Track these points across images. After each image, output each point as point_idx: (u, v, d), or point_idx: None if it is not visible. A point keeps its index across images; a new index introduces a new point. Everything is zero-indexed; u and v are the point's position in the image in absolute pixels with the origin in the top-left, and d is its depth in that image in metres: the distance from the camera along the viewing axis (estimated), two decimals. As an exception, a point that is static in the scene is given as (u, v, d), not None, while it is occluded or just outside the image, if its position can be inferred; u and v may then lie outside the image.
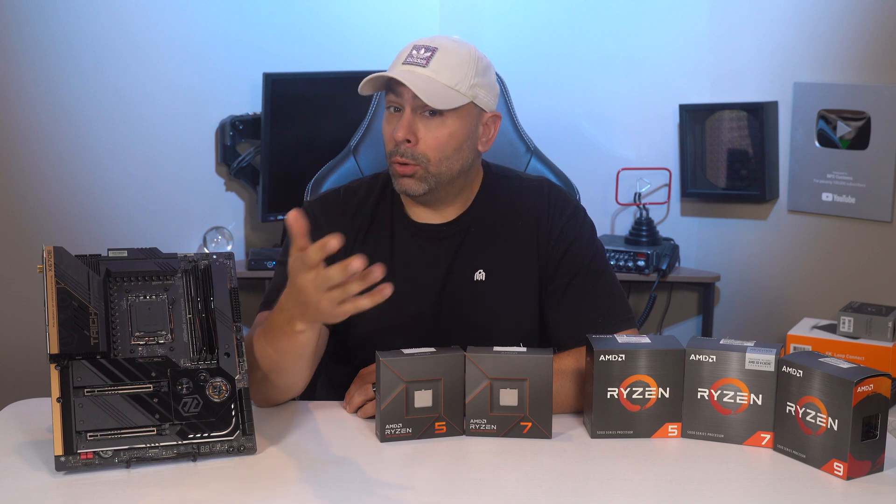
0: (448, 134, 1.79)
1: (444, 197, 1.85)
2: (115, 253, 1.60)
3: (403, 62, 1.79)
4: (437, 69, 1.77)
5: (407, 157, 1.78)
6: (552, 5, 3.45)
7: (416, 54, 1.78)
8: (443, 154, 1.79)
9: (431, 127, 1.78)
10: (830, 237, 3.15)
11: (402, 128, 1.77)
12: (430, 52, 1.78)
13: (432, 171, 1.79)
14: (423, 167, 1.79)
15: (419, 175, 1.79)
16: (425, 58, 1.78)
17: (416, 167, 1.79)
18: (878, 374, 1.49)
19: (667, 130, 3.39)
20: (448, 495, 1.45)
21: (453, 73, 1.78)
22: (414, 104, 1.77)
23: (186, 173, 3.27)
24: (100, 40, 3.06)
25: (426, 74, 1.76)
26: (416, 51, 1.79)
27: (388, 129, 1.82)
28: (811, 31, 3.10)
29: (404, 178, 1.80)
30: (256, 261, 3.22)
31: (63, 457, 1.45)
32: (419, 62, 1.78)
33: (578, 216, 1.90)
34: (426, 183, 1.80)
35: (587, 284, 1.85)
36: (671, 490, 1.47)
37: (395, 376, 1.58)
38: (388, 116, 1.82)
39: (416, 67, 1.77)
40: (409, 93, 1.76)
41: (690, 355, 1.61)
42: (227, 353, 1.56)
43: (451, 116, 1.79)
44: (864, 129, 3.01)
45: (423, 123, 1.78)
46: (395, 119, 1.80)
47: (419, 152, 1.78)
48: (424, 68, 1.77)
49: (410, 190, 1.81)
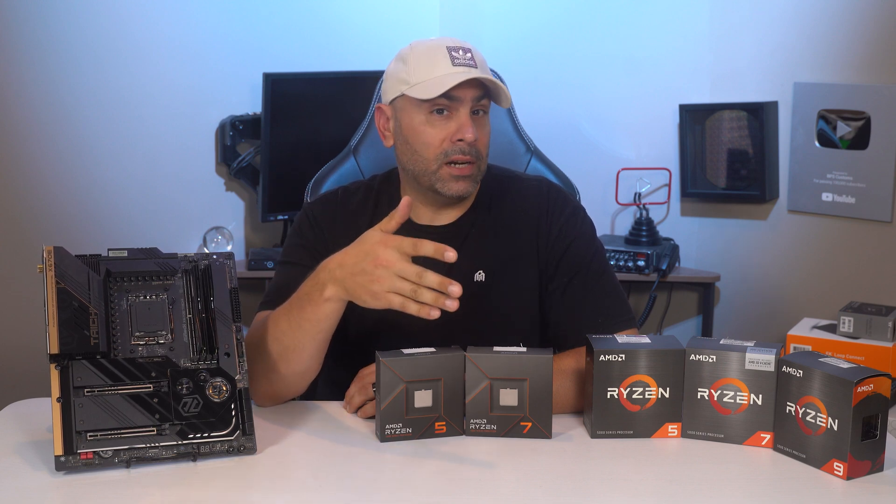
0: (489, 132, 1.85)
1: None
2: (115, 253, 1.60)
3: (454, 63, 1.78)
4: (483, 68, 1.81)
5: (472, 155, 1.79)
6: (552, 5, 3.45)
7: (459, 56, 1.78)
8: (487, 152, 1.84)
9: (481, 125, 1.82)
10: (830, 237, 3.15)
11: (470, 129, 1.77)
12: (469, 53, 1.80)
13: (482, 168, 1.83)
14: (478, 165, 1.82)
15: (474, 175, 1.82)
16: (470, 58, 1.79)
17: (474, 165, 1.81)
18: (878, 374, 1.49)
19: (667, 130, 3.39)
20: (448, 495, 1.45)
21: (488, 71, 1.83)
22: (471, 105, 1.79)
23: (186, 173, 3.27)
24: (100, 40, 3.06)
25: (480, 74, 1.78)
26: (455, 53, 1.79)
27: (434, 132, 1.79)
28: (811, 31, 3.10)
29: (461, 180, 1.80)
30: (256, 261, 3.22)
31: (63, 457, 1.45)
32: (469, 63, 1.78)
33: (578, 216, 1.90)
34: (476, 182, 1.84)
35: (587, 284, 1.85)
36: (671, 490, 1.47)
37: (395, 376, 1.58)
38: (432, 120, 1.79)
39: (470, 68, 1.78)
40: (468, 94, 1.77)
41: (690, 355, 1.61)
42: (227, 353, 1.56)
43: (488, 115, 1.84)
44: (864, 129, 3.01)
45: (475, 122, 1.81)
46: (442, 122, 1.79)
47: (478, 149, 1.81)
48: (476, 69, 1.78)
49: (466, 192, 1.82)
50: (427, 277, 1.47)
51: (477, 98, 1.79)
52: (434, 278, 1.47)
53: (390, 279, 1.50)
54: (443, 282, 1.46)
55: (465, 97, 1.78)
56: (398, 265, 1.49)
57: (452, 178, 1.80)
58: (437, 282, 1.47)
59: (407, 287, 1.49)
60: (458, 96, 1.78)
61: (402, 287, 1.49)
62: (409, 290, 1.49)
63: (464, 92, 1.77)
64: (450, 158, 1.79)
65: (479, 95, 1.79)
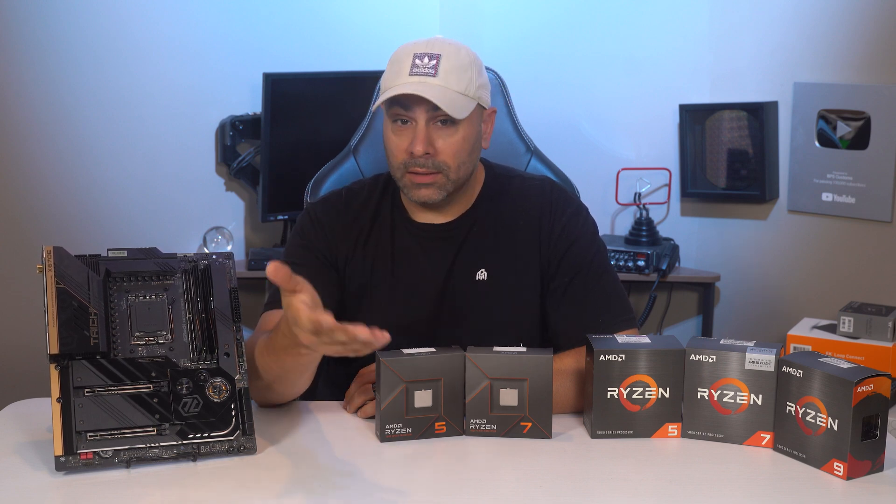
0: (462, 139, 1.79)
1: (450, 200, 1.85)
2: (115, 253, 1.60)
3: (410, 73, 1.76)
4: (445, 77, 1.76)
5: (427, 167, 1.77)
6: (552, 5, 3.45)
7: (422, 64, 1.76)
8: (460, 160, 1.79)
9: (446, 135, 1.78)
10: (830, 237, 3.15)
11: (419, 142, 1.75)
12: (434, 60, 1.76)
13: (452, 177, 1.79)
14: (444, 175, 1.78)
15: (440, 183, 1.79)
16: (432, 67, 1.76)
17: (437, 176, 1.78)
18: (878, 374, 1.49)
19: (667, 130, 3.39)
20: (448, 495, 1.45)
21: (460, 78, 1.77)
22: (427, 116, 1.76)
23: (186, 173, 3.27)
24: (100, 40, 3.06)
25: (438, 84, 1.75)
26: (419, 60, 1.76)
27: (397, 141, 1.79)
28: (811, 31, 3.10)
29: (423, 187, 1.79)
30: (256, 261, 3.22)
31: (63, 457, 1.45)
32: (427, 72, 1.75)
33: (580, 215, 1.90)
34: (445, 190, 1.80)
35: (588, 283, 1.85)
36: (671, 490, 1.47)
37: (395, 376, 1.58)
38: (395, 129, 1.79)
39: (427, 78, 1.75)
40: (422, 105, 1.75)
41: (690, 355, 1.61)
42: (227, 353, 1.56)
43: (463, 123, 1.78)
44: (864, 129, 3.01)
45: (437, 133, 1.77)
46: (404, 131, 1.78)
47: (440, 161, 1.78)
48: (434, 77, 1.75)
49: (430, 199, 1.80)
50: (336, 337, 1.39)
51: (431, 109, 1.75)
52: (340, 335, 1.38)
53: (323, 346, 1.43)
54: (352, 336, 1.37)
55: (418, 110, 1.76)
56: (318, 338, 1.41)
57: (414, 186, 1.79)
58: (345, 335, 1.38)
59: (338, 347, 1.41)
60: (411, 108, 1.76)
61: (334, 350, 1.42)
62: (341, 350, 1.41)
63: (416, 103, 1.75)
64: (409, 168, 1.78)
65: (433, 107, 1.75)
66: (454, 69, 1.77)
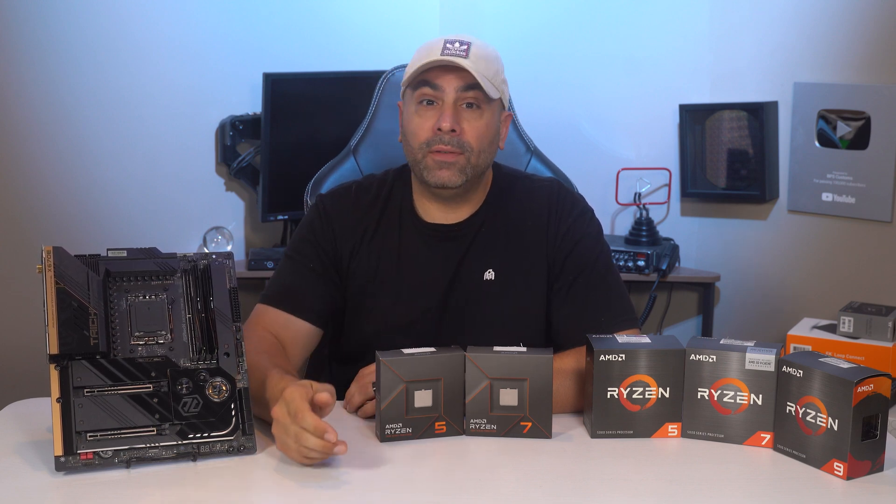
0: (486, 125, 1.81)
1: (464, 193, 1.85)
2: (115, 253, 1.60)
3: (442, 53, 1.77)
4: (476, 61, 1.78)
5: (452, 146, 1.78)
6: (552, 5, 3.45)
7: (453, 47, 1.78)
8: (482, 145, 1.81)
9: (472, 118, 1.79)
10: (830, 237, 3.15)
11: (447, 117, 1.77)
12: (465, 46, 1.78)
13: (473, 161, 1.80)
14: (466, 157, 1.79)
15: (460, 165, 1.79)
16: (464, 50, 1.78)
17: (460, 156, 1.79)
18: (878, 374, 1.49)
19: (667, 130, 3.39)
20: (448, 495, 1.45)
21: (489, 66, 1.80)
22: (455, 95, 1.78)
23: (186, 173, 3.27)
24: (100, 40, 3.06)
25: (468, 65, 1.76)
26: (450, 44, 1.78)
27: (420, 122, 1.80)
28: (811, 31, 3.10)
29: (444, 168, 1.79)
30: (256, 261, 3.22)
31: (63, 457, 1.45)
32: (459, 53, 1.77)
33: (586, 217, 1.90)
34: (465, 174, 1.80)
35: (591, 283, 1.85)
36: (671, 490, 1.47)
37: (395, 376, 1.58)
38: (419, 110, 1.80)
39: (458, 58, 1.77)
40: (452, 84, 1.77)
41: (690, 355, 1.61)
42: (227, 353, 1.56)
43: (487, 110, 1.81)
44: (864, 129, 3.01)
45: (463, 114, 1.79)
46: (428, 112, 1.79)
47: (464, 141, 1.79)
48: (465, 59, 1.77)
49: (450, 181, 1.80)
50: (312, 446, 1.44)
51: (461, 88, 1.77)
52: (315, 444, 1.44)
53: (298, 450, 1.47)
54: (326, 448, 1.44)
55: (447, 87, 1.77)
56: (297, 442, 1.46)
57: (436, 165, 1.80)
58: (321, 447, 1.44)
59: (314, 454, 1.46)
60: (440, 85, 1.77)
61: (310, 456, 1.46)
62: (317, 456, 1.46)
63: (446, 81, 1.77)
64: (432, 147, 1.79)
65: (463, 86, 1.77)
66: (484, 56, 1.80)
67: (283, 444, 1.48)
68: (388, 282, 1.87)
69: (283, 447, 1.49)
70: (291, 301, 1.83)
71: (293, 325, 1.82)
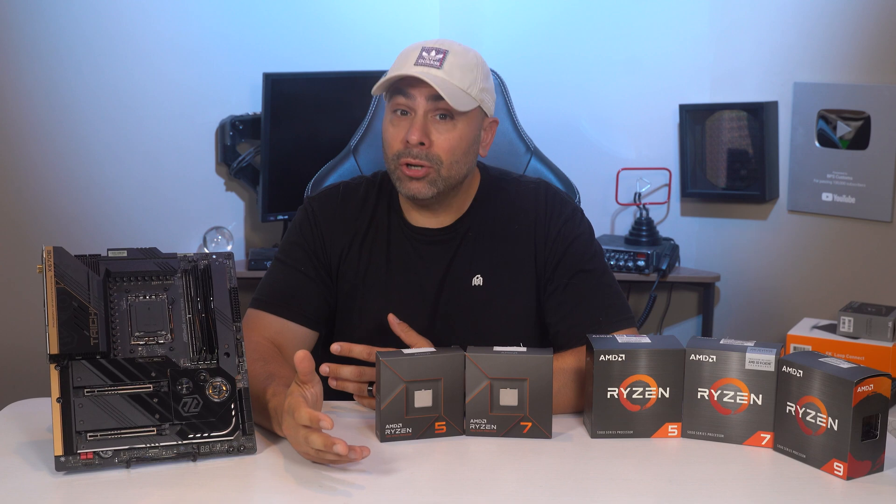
0: (459, 137, 1.79)
1: (443, 201, 1.85)
2: (115, 253, 1.60)
3: (415, 63, 1.76)
4: (450, 71, 1.76)
5: (420, 159, 1.77)
6: (552, 5, 3.45)
7: (428, 56, 1.77)
8: (454, 157, 1.79)
9: (443, 130, 1.78)
10: (830, 237, 3.15)
11: (416, 130, 1.76)
12: (441, 55, 1.77)
13: (443, 174, 1.78)
14: (436, 169, 1.78)
15: (430, 178, 1.78)
16: (438, 59, 1.76)
17: (429, 169, 1.77)
18: (878, 374, 1.49)
19: (667, 130, 3.39)
20: (448, 495, 1.45)
21: (465, 75, 1.77)
22: (427, 107, 1.77)
23: (186, 173, 3.27)
24: (100, 40, 3.06)
25: (441, 75, 1.75)
26: (426, 52, 1.77)
27: (394, 132, 1.79)
28: (811, 31, 3.10)
29: (414, 181, 1.78)
30: (256, 261, 3.22)
31: (63, 457, 1.45)
32: (433, 63, 1.76)
33: (576, 218, 1.89)
34: (436, 186, 1.79)
35: (586, 284, 1.85)
36: (671, 490, 1.47)
37: (395, 376, 1.58)
38: (393, 119, 1.79)
39: (430, 69, 1.75)
40: (423, 94, 1.75)
41: (690, 355, 1.61)
42: (227, 353, 1.56)
43: (462, 120, 1.78)
44: (864, 129, 3.01)
45: (435, 126, 1.78)
46: (402, 122, 1.78)
47: (433, 154, 1.77)
48: (439, 70, 1.76)
49: (420, 193, 1.79)
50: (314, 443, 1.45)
51: (432, 98, 1.76)
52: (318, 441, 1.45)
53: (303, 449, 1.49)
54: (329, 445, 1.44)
55: (419, 97, 1.76)
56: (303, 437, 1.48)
57: (406, 177, 1.79)
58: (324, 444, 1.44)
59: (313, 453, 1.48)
60: (413, 95, 1.76)
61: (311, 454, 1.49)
62: (315, 456, 1.48)
63: (418, 91, 1.76)
64: (402, 160, 1.78)
65: (434, 95, 1.75)
66: (459, 66, 1.77)
67: (304, 452, 1.50)
68: (377, 284, 1.87)
69: (305, 455, 1.51)
70: (286, 306, 1.83)
71: (289, 330, 1.82)
